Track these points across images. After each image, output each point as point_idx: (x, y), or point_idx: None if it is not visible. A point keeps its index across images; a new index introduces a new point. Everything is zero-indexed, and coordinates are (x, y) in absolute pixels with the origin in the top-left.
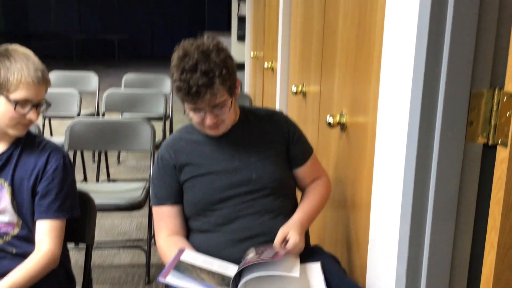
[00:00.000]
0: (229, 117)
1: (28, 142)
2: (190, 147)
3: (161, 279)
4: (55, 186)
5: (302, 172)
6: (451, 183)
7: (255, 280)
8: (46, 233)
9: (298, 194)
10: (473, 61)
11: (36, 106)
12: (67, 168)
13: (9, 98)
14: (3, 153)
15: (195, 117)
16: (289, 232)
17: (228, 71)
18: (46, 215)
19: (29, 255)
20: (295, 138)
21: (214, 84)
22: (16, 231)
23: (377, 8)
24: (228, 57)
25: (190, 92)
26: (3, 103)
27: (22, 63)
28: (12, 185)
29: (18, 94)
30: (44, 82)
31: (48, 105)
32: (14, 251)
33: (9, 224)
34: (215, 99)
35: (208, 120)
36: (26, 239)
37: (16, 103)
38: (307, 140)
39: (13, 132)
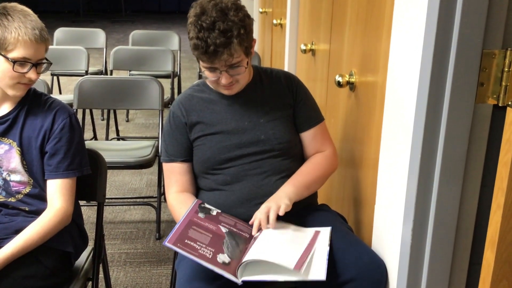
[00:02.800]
0: (244, 77)
1: (34, 101)
2: (202, 105)
3: (166, 243)
4: (63, 145)
5: (306, 138)
6: (460, 144)
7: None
8: (57, 191)
9: None
10: (486, 20)
11: (36, 65)
12: (74, 126)
13: (7, 57)
14: (9, 114)
15: (210, 76)
16: (269, 210)
17: (246, 30)
18: (56, 174)
19: (42, 212)
20: (302, 101)
21: (232, 44)
22: (28, 189)
23: None
24: (246, 16)
25: (207, 51)
26: (2, 62)
27: (20, 21)
28: (20, 145)
29: (16, 53)
30: (42, 40)
31: (49, 64)
32: (27, 208)
33: (21, 183)
34: (232, 59)
35: (224, 80)
36: (38, 197)
37: (15, 62)
38: (317, 108)
39: (13, 92)
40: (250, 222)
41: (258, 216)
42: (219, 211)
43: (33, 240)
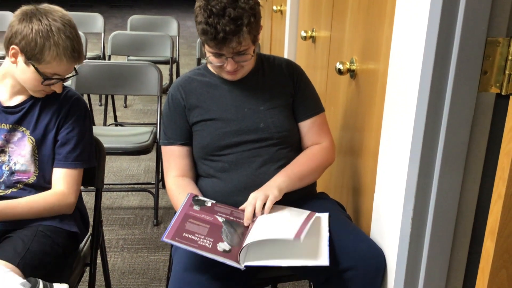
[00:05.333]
0: (249, 64)
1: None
2: (201, 89)
3: (164, 239)
4: (74, 136)
5: (304, 128)
6: (462, 132)
7: (256, 245)
8: (62, 178)
9: None
10: (490, 8)
11: (64, 78)
12: (87, 118)
13: (38, 69)
14: (24, 103)
15: (215, 61)
16: (256, 200)
17: (255, 18)
18: (64, 164)
19: None
20: (302, 90)
21: (242, 32)
22: (31, 180)
23: None
24: (256, 3)
25: (216, 38)
26: (32, 71)
27: (60, 36)
28: (35, 134)
29: (49, 69)
30: (78, 60)
31: (75, 74)
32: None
33: (25, 172)
34: (240, 46)
35: (229, 67)
36: (38, 188)
37: (45, 78)
38: (317, 99)
39: (33, 94)
40: (240, 208)
41: (246, 207)
42: (214, 201)
43: (18, 208)
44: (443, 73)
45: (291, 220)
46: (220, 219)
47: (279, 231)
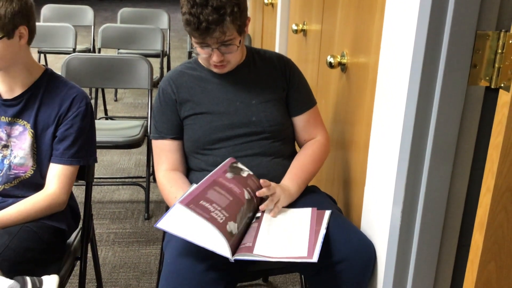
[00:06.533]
0: (236, 56)
1: (51, 84)
2: (192, 83)
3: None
4: (73, 132)
5: (299, 122)
6: (451, 125)
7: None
8: (56, 176)
9: None
10: (480, 2)
11: None
12: (89, 115)
13: None
14: (22, 95)
15: (201, 52)
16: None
17: (239, 8)
18: (60, 160)
19: None
20: (295, 84)
21: (225, 21)
22: (28, 174)
23: None
24: None
25: (199, 28)
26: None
27: None
28: (34, 127)
29: None
30: None
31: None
32: (20, 195)
33: (23, 166)
34: (224, 36)
35: (215, 57)
36: (34, 185)
37: None
38: (310, 93)
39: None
40: (261, 182)
41: (267, 203)
42: (251, 173)
43: (22, 214)
44: (433, 66)
45: (296, 226)
46: (247, 196)
47: (291, 248)
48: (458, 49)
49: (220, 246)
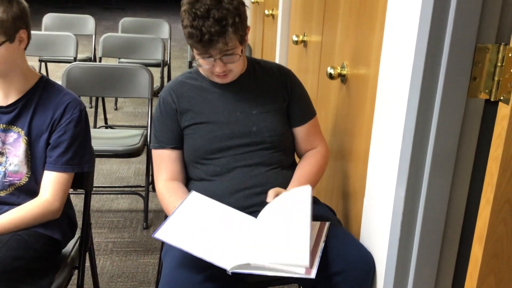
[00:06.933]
0: (238, 65)
1: (46, 91)
2: (193, 93)
3: (156, 235)
4: (66, 139)
5: (300, 133)
6: (451, 138)
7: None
8: (50, 183)
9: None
10: (480, 15)
11: None
12: (82, 122)
13: None
14: (17, 102)
15: (204, 64)
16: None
17: (241, 18)
18: (53, 167)
19: None
20: (297, 95)
21: (227, 32)
22: (22, 182)
23: None
24: (241, 3)
25: (202, 40)
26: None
27: None
28: (28, 134)
29: None
30: None
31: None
32: (16, 202)
33: (17, 173)
34: (226, 47)
35: (218, 68)
36: (30, 192)
37: None
38: (310, 103)
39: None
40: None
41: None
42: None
43: (14, 222)
44: (433, 78)
45: (295, 233)
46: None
47: (290, 256)
48: (458, 62)
49: (218, 256)
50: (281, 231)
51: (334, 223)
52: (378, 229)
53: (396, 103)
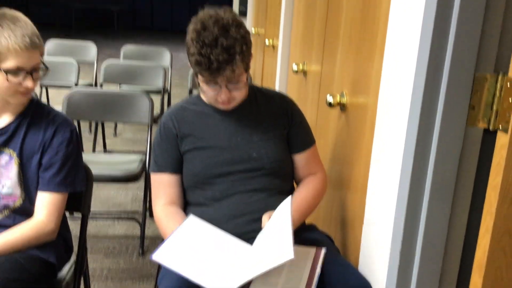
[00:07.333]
0: (242, 93)
1: (37, 112)
2: (194, 118)
3: (154, 257)
4: (58, 159)
5: (298, 160)
6: (450, 167)
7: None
8: (44, 205)
9: None
10: (478, 45)
11: (32, 72)
12: (74, 142)
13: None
14: (10, 124)
15: (209, 91)
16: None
17: (247, 47)
18: (47, 188)
19: None
20: (297, 123)
21: (235, 60)
22: (17, 204)
23: None
24: (247, 32)
25: (210, 68)
26: None
27: (9, 29)
28: (20, 156)
29: (9, 63)
30: (34, 46)
31: (46, 69)
32: (12, 225)
33: (11, 196)
34: (233, 75)
35: (223, 96)
36: (26, 213)
37: (7, 73)
38: (310, 131)
39: (14, 101)
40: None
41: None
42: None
43: (9, 244)
44: (431, 107)
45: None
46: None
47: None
48: (457, 91)
49: (215, 283)
50: (266, 246)
51: (332, 251)
52: (376, 257)
53: (395, 132)
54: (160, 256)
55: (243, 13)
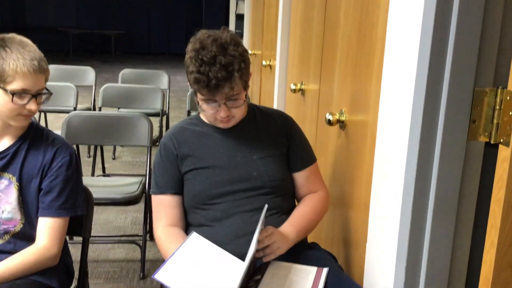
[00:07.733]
0: (241, 110)
1: (36, 136)
2: (194, 139)
3: (156, 276)
4: (58, 183)
5: (299, 178)
6: (452, 181)
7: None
8: (46, 230)
9: None
10: (477, 59)
11: (36, 96)
12: (73, 165)
13: (6, 89)
14: (9, 148)
15: (208, 109)
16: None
17: (245, 64)
18: (47, 213)
19: None
20: (297, 141)
21: (233, 77)
22: (17, 228)
23: (379, 5)
24: (245, 50)
25: (209, 85)
26: (1, 94)
27: (18, 52)
28: (20, 180)
29: (15, 85)
30: (41, 71)
31: (50, 94)
32: (12, 250)
33: (11, 220)
34: (232, 92)
35: (222, 113)
36: (26, 237)
37: (14, 94)
38: (310, 149)
39: (15, 124)
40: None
41: (270, 247)
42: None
43: (11, 270)
44: (432, 122)
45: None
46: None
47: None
48: (457, 106)
49: None
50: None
51: (336, 269)
52: (381, 275)
53: (396, 148)
54: (162, 275)
55: (240, 35)
